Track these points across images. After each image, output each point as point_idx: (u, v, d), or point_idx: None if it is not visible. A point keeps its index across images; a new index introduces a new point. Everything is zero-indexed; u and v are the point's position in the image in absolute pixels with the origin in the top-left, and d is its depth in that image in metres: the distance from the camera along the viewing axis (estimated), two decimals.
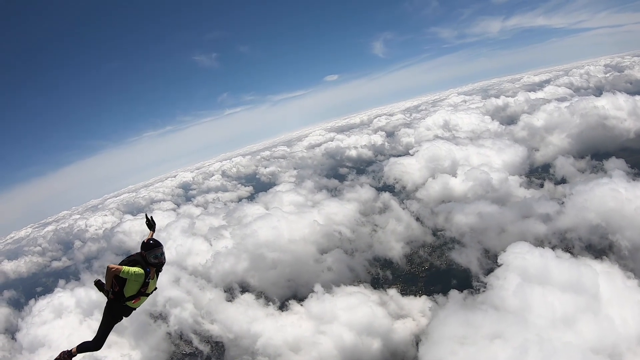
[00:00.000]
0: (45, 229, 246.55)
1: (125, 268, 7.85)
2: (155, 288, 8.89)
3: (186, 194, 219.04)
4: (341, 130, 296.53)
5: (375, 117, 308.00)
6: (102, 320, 8.25)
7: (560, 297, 44.50)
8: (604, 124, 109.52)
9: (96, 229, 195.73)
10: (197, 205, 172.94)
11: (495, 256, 58.35)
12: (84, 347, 8.18)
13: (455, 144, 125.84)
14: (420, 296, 70.09)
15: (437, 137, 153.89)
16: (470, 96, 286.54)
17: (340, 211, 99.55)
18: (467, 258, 72.75)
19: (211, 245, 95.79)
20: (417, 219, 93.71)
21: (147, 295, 8.53)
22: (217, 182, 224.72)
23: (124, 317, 8.52)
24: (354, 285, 75.76)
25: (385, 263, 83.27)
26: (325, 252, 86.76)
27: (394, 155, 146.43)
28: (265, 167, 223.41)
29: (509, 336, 40.19)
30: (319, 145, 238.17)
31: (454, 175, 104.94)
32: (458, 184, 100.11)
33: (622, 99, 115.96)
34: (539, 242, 64.47)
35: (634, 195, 64.02)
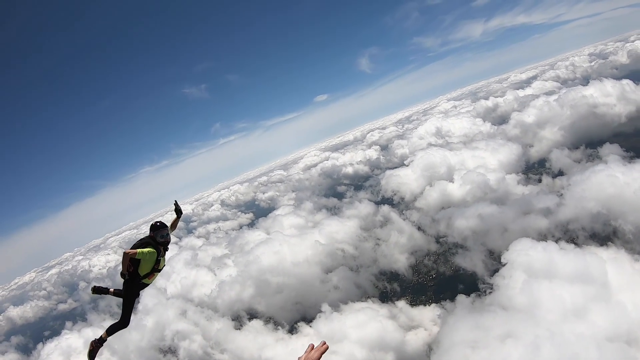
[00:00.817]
0: (49, 273, 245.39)
1: (140, 250, 8.74)
2: (164, 265, 9.60)
3: (187, 227, 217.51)
4: (336, 148, 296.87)
5: (368, 132, 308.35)
6: (124, 301, 9.12)
7: (568, 289, 44.01)
8: (595, 112, 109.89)
9: (100, 269, 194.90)
10: (198, 237, 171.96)
11: (500, 256, 57.97)
12: (113, 329, 9.06)
13: (449, 150, 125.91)
14: (430, 305, 69.54)
15: (430, 145, 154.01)
16: (460, 101, 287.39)
17: (341, 229, 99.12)
18: (471, 261, 72.29)
19: (215, 275, 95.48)
20: (419, 229, 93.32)
21: (159, 271, 9.39)
22: (216, 212, 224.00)
23: (140, 294, 9.46)
24: (362, 301, 75.10)
25: (392, 276, 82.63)
26: (330, 271, 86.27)
27: (390, 168, 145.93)
28: (264, 193, 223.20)
29: (520, 335, 39.64)
30: (315, 165, 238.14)
31: (451, 180, 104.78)
32: (456, 189, 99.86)
33: (609, 85, 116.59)
34: (542, 237, 63.82)
35: (631, 179, 63.76)
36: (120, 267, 8.94)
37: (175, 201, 10.41)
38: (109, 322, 9.25)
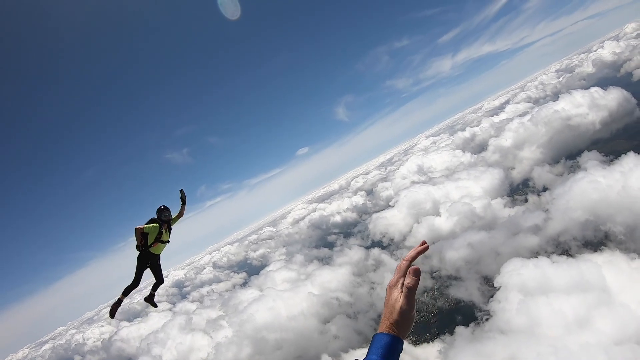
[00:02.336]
0: (43, 348, 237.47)
1: (146, 225, 11.20)
2: (168, 241, 11.78)
3: (181, 292, 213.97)
4: (322, 199, 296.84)
5: (353, 179, 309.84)
6: (136, 268, 11.59)
7: (567, 300, 43.44)
8: (569, 125, 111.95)
9: (94, 341, 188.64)
10: (192, 301, 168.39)
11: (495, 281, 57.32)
12: (127, 290, 11.96)
13: (433, 185, 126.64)
14: (433, 342, 67.75)
15: (413, 183, 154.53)
16: (439, 136, 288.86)
17: (333, 278, 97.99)
18: (467, 291, 71.45)
19: (211, 337, 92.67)
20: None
21: (162, 242, 11.57)
22: (209, 274, 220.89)
23: (150, 262, 11.72)
24: (364, 347, 72.99)
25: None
26: (327, 321, 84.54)
27: (377, 212, 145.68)
28: (255, 251, 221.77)
29: (522, 356, 38.57)
30: (303, 218, 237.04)
31: (438, 214, 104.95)
32: (444, 222, 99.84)
33: (578, 96, 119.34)
34: (535, 254, 63.34)
35: (613, 180, 64.39)
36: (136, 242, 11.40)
37: (181, 190, 12.20)
38: None
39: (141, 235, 11.20)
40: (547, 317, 42.59)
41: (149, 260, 11.64)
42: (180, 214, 12.19)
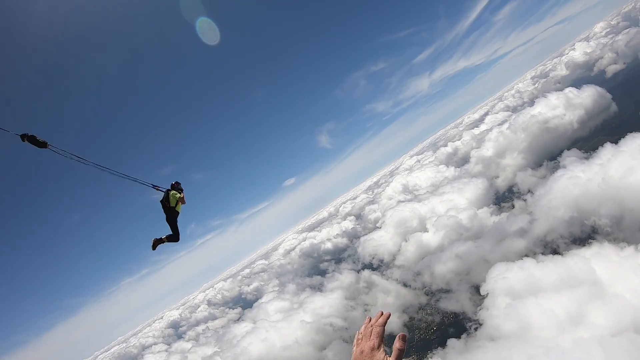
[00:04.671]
0: None
1: (172, 192, 12.97)
2: (182, 200, 13.34)
3: (177, 332, 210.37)
4: (312, 228, 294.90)
5: (341, 205, 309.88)
6: (171, 223, 13.21)
7: (557, 299, 42.74)
8: (547, 128, 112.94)
9: None
10: (188, 340, 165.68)
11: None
12: (170, 238, 13.18)
13: (418, 202, 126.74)
14: (432, 358, 66.60)
15: (399, 202, 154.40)
16: (422, 154, 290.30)
17: (325, 304, 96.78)
18: (458, 303, 70.66)
19: None
20: (405, 285, 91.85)
21: (182, 202, 13.28)
22: (204, 312, 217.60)
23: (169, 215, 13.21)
24: None
25: (389, 339, 79.64)
26: (324, 348, 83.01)
27: (367, 234, 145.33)
28: (249, 285, 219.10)
29: None
30: (294, 248, 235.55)
31: (425, 230, 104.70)
32: (431, 237, 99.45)
33: (553, 99, 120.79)
34: (523, 257, 62.89)
35: (592, 173, 64.54)
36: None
37: (177, 182, 13.60)
38: None
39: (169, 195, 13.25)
40: (538, 318, 41.91)
41: (175, 215, 13.35)
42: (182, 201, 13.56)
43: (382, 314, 3.61)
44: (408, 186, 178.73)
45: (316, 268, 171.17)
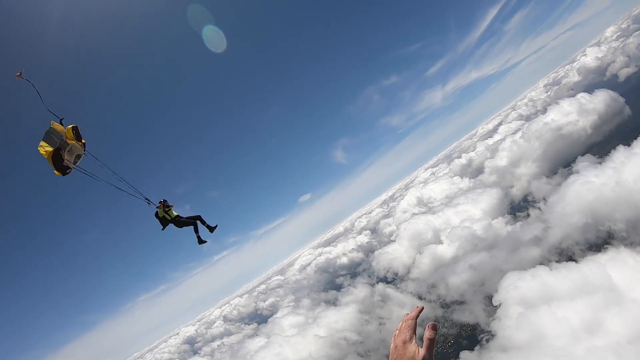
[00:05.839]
0: None
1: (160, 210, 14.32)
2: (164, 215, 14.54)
3: (192, 348, 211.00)
4: (328, 243, 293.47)
5: (357, 220, 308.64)
6: (182, 225, 14.68)
7: (571, 306, 41.46)
8: (561, 134, 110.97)
9: None
10: (203, 356, 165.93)
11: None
12: (197, 224, 14.94)
13: (432, 214, 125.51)
14: None
15: (414, 215, 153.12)
16: (437, 167, 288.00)
17: (339, 318, 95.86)
18: (471, 314, 69.33)
19: None
20: (419, 298, 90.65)
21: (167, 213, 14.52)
22: (220, 328, 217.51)
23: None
24: None
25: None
26: None
27: (382, 248, 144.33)
28: (264, 301, 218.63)
29: None
30: (309, 264, 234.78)
31: (439, 242, 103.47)
32: (446, 249, 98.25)
33: (566, 105, 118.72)
34: (537, 265, 61.54)
35: (606, 177, 62.96)
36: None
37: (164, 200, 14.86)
38: None
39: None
40: (551, 327, 40.67)
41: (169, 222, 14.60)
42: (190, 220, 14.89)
43: (416, 308, 3.70)
44: (422, 199, 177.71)
45: (332, 283, 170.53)
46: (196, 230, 14.79)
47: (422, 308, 3.63)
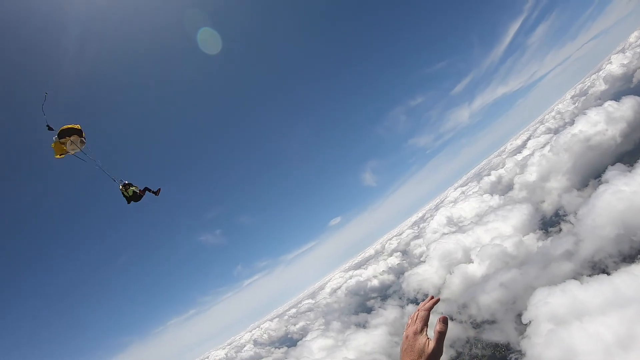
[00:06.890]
0: None
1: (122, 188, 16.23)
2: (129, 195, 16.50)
3: None
4: (359, 266, 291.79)
5: (387, 242, 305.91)
6: (139, 197, 16.57)
7: (603, 321, 39.86)
8: (590, 145, 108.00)
9: None
10: None
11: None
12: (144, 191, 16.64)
13: (462, 233, 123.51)
14: None
15: (444, 235, 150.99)
16: (467, 185, 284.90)
17: (369, 340, 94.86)
18: (502, 333, 67.36)
19: None
20: (450, 319, 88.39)
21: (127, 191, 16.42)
22: (249, 352, 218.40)
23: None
24: None
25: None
26: None
27: (412, 269, 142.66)
28: (295, 325, 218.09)
29: None
30: (340, 287, 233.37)
31: (470, 261, 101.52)
32: (476, 268, 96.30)
33: (593, 114, 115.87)
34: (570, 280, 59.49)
35: (637, 185, 61.12)
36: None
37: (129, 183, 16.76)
38: None
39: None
40: (583, 343, 39.11)
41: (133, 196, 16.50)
42: (142, 192, 16.73)
43: (431, 298, 3.82)
44: (452, 218, 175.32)
45: (363, 305, 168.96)
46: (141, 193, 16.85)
47: (438, 299, 3.76)
